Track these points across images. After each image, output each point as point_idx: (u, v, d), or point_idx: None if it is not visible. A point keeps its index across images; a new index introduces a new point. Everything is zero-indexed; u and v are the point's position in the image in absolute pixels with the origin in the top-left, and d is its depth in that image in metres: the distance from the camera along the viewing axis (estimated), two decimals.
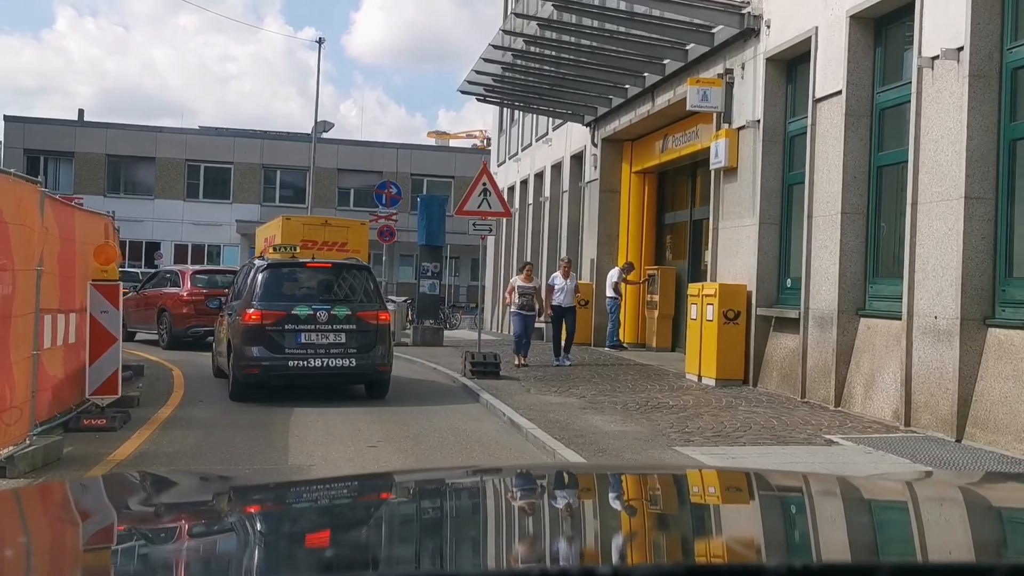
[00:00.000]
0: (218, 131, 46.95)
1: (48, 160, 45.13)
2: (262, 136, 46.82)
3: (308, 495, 2.07)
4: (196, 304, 17.63)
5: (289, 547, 1.54)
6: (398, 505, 1.94)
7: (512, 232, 26.76)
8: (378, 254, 36.83)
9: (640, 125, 17.40)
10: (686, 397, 11.57)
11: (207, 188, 45.98)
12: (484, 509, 1.91)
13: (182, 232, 45.19)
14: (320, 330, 10.61)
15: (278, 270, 11.30)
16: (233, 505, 1.89)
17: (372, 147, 48.17)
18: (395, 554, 1.53)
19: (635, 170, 18.89)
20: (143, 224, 44.85)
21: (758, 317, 12.35)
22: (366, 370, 11.02)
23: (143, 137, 44.83)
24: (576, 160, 21.27)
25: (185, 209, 45.37)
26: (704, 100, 13.22)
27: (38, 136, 44.27)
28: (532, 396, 11.66)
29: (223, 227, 44.89)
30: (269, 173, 46.20)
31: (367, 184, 45.89)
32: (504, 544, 1.59)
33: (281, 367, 10.59)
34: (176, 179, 45.30)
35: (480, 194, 13.50)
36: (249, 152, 45.85)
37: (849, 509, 1.84)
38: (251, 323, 10.61)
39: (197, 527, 1.74)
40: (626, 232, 19.05)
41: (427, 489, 2.10)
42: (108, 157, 44.82)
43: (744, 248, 12.79)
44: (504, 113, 28.88)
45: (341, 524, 1.72)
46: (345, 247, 23.54)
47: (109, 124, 46.20)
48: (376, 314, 11.10)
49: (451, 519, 1.78)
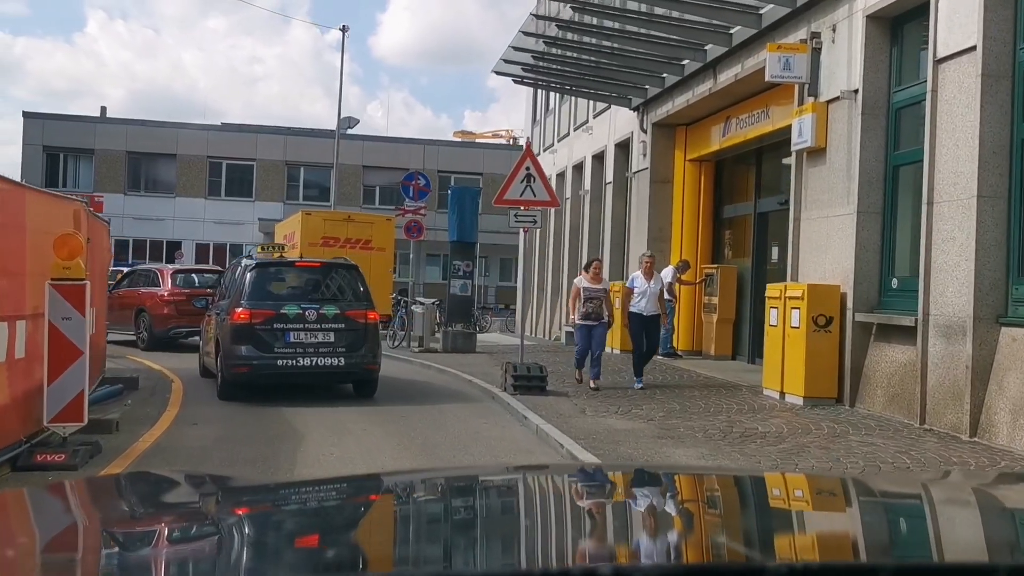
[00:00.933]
0: (240, 127, 45.24)
1: (68, 157, 43.70)
2: (285, 132, 45.08)
3: (307, 496, 2.03)
4: (178, 304, 17.18)
5: (288, 548, 1.52)
6: (398, 506, 1.91)
7: (547, 229, 24.74)
8: (404, 253, 35.06)
9: (698, 107, 15.35)
10: (775, 420, 9.52)
11: (229, 186, 44.34)
12: (484, 509, 1.87)
13: (203, 231, 43.57)
14: (309, 329, 10.50)
15: (266, 269, 11.16)
16: (233, 506, 1.87)
17: (398, 143, 46.35)
18: (395, 554, 1.51)
19: (690, 158, 16.83)
20: (164, 223, 43.34)
21: (856, 324, 10.27)
22: (354, 369, 10.90)
23: (164, 134, 43.22)
24: (621, 149, 19.23)
25: (207, 207, 43.77)
26: (786, 69, 11.15)
27: (58, 133, 42.81)
28: (590, 419, 9.66)
29: (245, 226, 43.21)
30: (292, 170, 44.48)
31: (393, 181, 44.01)
32: (504, 544, 1.56)
33: (270, 366, 10.45)
34: (198, 176, 43.69)
35: (523, 180, 11.54)
36: (272, 149, 44.14)
37: (850, 509, 1.82)
38: (240, 322, 10.44)
39: (198, 528, 1.70)
40: (680, 227, 16.99)
41: (426, 490, 2.07)
42: (128, 154, 43.29)
43: (835, 242, 10.72)
44: (538, 102, 26.88)
45: (341, 525, 1.71)
46: (369, 244, 21.67)
47: (129, 120, 44.66)
48: (364, 313, 11.02)
49: (451, 519, 1.77)
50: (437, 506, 1.91)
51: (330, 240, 21.25)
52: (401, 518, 1.82)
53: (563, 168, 23.61)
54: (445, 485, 2.12)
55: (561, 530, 1.63)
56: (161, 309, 17.36)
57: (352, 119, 42.91)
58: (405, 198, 18.38)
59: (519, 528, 1.66)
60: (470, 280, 17.91)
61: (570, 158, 23.00)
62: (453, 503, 1.93)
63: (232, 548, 1.53)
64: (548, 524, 1.69)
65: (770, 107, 13.52)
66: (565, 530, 1.63)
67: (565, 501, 1.95)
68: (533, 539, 1.57)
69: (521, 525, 1.69)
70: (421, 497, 2.00)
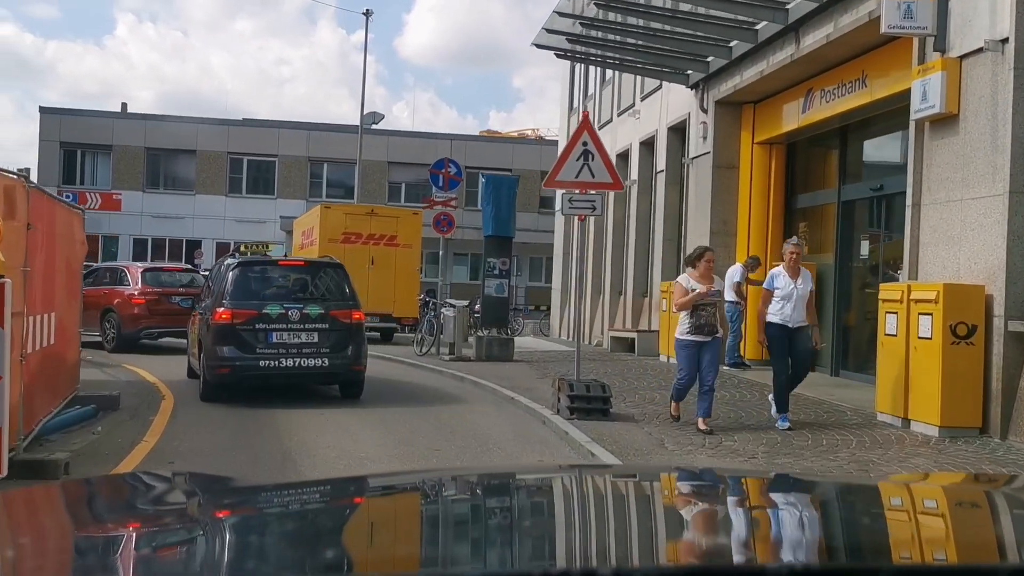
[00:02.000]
0: (262, 122, 43.34)
1: (86, 154, 42.01)
2: (308, 127, 43.14)
3: (309, 495, 2.02)
4: (150, 304, 16.19)
5: (289, 548, 1.50)
6: (398, 506, 1.89)
7: (587, 223, 22.53)
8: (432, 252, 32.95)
9: (772, 79, 13.11)
10: (916, 460, 7.28)
11: (250, 183, 42.49)
12: (484, 509, 1.86)
13: (224, 229, 41.71)
14: (292, 329, 10.25)
15: (249, 268, 10.92)
16: (235, 506, 1.85)
17: (424, 138, 44.28)
18: (395, 554, 1.48)
19: (759, 140, 14.58)
20: (183, 221, 41.55)
21: (1008, 335, 8.02)
22: (339, 369, 10.56)
23: (183, 129, 41.39)
24: (676, 133, 17.01)
25: (227, 205, 41.95)
26: (907, 19, 8.90)
27: (75, 128, 41.11)
28: (673, 455, 7.47)
29: (267, 224, 41.35)
30: (316, 167, 42.54)
31: (419, 178, 41.98)
32: (505, 544, 1.55)
33: (252, 367, 10.16)
34: (218, 173, 41.86)
35: (579, 157, 9.39)
36: (295, 144, 42.23)
37: (850, 510, 1.82)
38: (221, 322, 10.18)
39: (199, 528, 1.68)
40: (747, 218, 14.75)
41: (425, 490, 2.05)
42: (147, 150, 41.53)
43: (974, 232, 8.47)
44: (576, 85, 24.68)
45: (341, 525, 1.69)
46: (394, 240, 19.58)
47: (148, 116, 42.91)
48: (349, 313, 10.70)
49: (452, 519, 1.76)
50: (437, 507, 1.88)
51: (352, 236, 19.21)
52: (401, 518, 1.78)
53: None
54: (445, 485, 2.09)
55: (561, 530, 1.61)
56: (131, 309, 16.16)
57: (377, 114, 40.88)
58: (434, 188, 16.27)
59: (519, 528, 1.64)
60: (507, 279, 15.77)
61: (613, 146, 20.76)
62: (453, 503, 1.90)
63: (234, 548, 1.50)
64: (548, 524, 1.68)
65: (868, 73, 11.27)
66: (565, 530, 1.61)
67: (566, 501, 1.92)
68: (533, 539, 1.56)
69: (521, 525, 1.67)
70: (421, 497, 1.96)
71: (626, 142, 19.84)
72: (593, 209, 9.76)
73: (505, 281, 15.72)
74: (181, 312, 14.87)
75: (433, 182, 16.35)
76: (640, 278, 18.78)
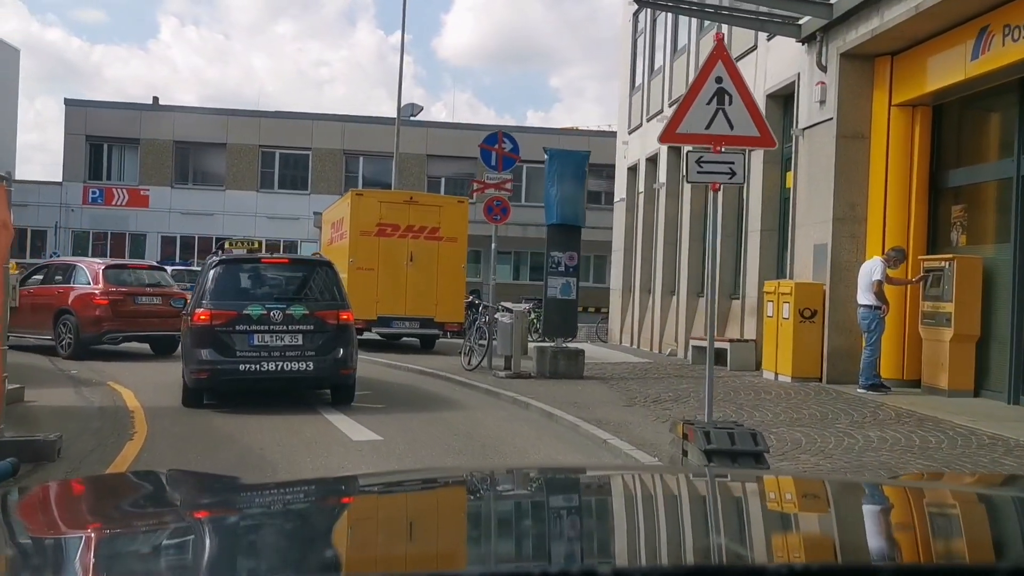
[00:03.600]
0: (295, 114, 40.64)
1: (112, 148, 39.63)
2: (343, 119, 40.37)
3: (312, 494, 1.98)
4: (114, 304, 14.18)
5: (291, 546, 1.48)
6: (398, 505, 1.86)
7: (655, 212, 19.44)
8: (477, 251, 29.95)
9: (931, 16, 9.93)
10: None
11: (283, 177, 39.86)
12: (486, 508, 1.85)
13: (255, 226, 39.01)
14: (275, 331, 9.58)
15: (230, 267, 10.33)
16: (238, 504, 1.84)
17: (465, 129, 41.29)
18: (395, 554, 1.46)
19: (898, 102, 11.37)
20: (213, 218, 38.99)
21: None
22: (326, 373, 9.85)
23: (213, 121, 38.86)
24: (777, 101, 13.85)
25: (259, 201, 39.35)
26: None
27: (101, 121, 38.76)
28: None
29: (300, 221, 38.62)
30: (351, 160, 39.78)
31: (459, 172, 39.16)
32: (505, 544, 1.53)
33: (232, 371, 9.49)
34: (249, 167, 39.28)
35: (710, 99, 6.33)
36: (329, 137, 39.51)
37: (851, 511, 1.81)
38: (200, 324, 9.57)
39: (204, 526, 1.66)
40: (882, 200, 11.55)
41: (425, 489, 2.03)
42: (176, 144, 39.05)
43: None
44: (637, 60, 21.54)
45: (343, 524, 1.68)
46: (436, 233, 16.57)
47: (176, 107, 40.42)
48: (336, 313, 10.00)
49: (450, 519, 1.75)
50: (437, 506, 1.86)
51: (387, 228, 16.26)
52: (402, 518, 1.77)
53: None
54: (445, 485, 2.08)
55: (561, 530, 1.60)
56: (92, 311, 14.14)
57: (415, 105, 38.09)
58: (485, 169, 13.26)
59: (520, 528, 1.62)
60: (575, 278, 12.71)
61: None
62: (452, 503, 1.89)
63: (232, 547, 1.48)
64: (548, 524, 1.66)
65: None
66: (565, 530, 1.59)
67: (566, 501, 1.89)
68: (533, 539, 1.54)
69: (522, 525, 1.65)
70: (420, 497, 1.94)
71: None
72: (731, 174, 6.64)
73: (572, 280, 12.66)
74: (148, 314, 12.60)
75: (484, 160, 13.35)
76: (728, 277, 15.62)
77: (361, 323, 16.21)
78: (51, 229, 38.82)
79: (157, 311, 14.19)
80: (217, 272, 10.01)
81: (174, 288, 15.11)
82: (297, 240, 38.62)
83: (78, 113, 39.01)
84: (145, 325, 14.19)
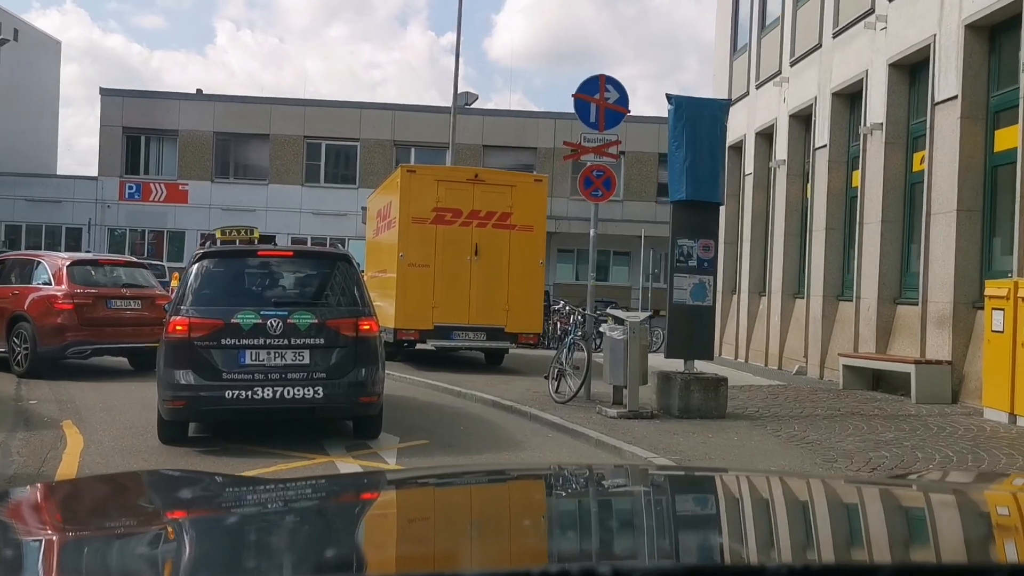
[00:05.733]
0: (342, 103, 37.38)
1: (150, 140, 36.75)
2: (393, 108, 37.01)
3: (315, 492, 1.90)
4: (81, 310, 11.07)
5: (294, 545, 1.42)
6: (398, 505, 1.82)
7: (769, 200, 15.58)
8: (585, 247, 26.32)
9: None
10: None
11: (329, 170, 36.66)
12: (485, 509, 1.81)
13: (300, 223, 35.97)
14: (273, 346, 7.11)
15: (217, 262, 7.67)
16: (242, 502, 1.79)
17: (523, 117, 37.81)
18: (395, 554, 1.43)
19: None
20: (255, 214, 35.77)
21: None
22: (340, 401, 7.26)
23: (255, 111, 35.83)
24: (980, 34, 9.95)
25: (304, 195, 36.20)
26: None
27: (138, 112, 35.91)
28: None
29: (348, 217, 35.36)
30: (402, 152, 36.35)
31: (517, 163, 35.53)
32: (504, 543, 1.48)
33: (215, 398, 7.00)
34: (293, 160, 36.14)
35: None
36: (378, 126, 36.20)
37: (851, 511, 1.77)
38: (176, 337, 7.12)
39: (213, 523, 1.63)
40: None
41: (426, 488, 1.97)
42: (216, 135, 36.05)
43: None
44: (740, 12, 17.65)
45: (343, 522, 1.63)
46: (507, 220, 12.85)
47: (216, 96, 37.42)
48: (355, 322, 7.39)
49: (449, 519, 1.71)
50: (438, 505, 1.82)
51: (447, 213, 12.65)
52: (402, 517, 1.72)
53: (804, 103, 14.36)
54: (445, 484, 2.03)
55: (561, 529, 1.58)
56: (52, 317, 11.05)
57: (470, 94, 34.52)
58: (584, 126, 9.56)
59: (520, 528, 1.59)
60: (711, 276, 8.94)
61: (824, 85, 13.71)
62: (452, 503, 1.84)
63: (229, 545, 1.45)
64: (548, 523, 1.63)
65: None
66: (565, 529, 1.58)
67: (566, 501, 1.85)
68: (533, 538, 1.52)
69: (522, 525, 1.62)
70: (421, 495, 1.89)
71: (849, 75, 12.77)
72: None
73: (708, 279, 8.90)
74: (124, 321, 10.52)
75: (581, 116, 9.62)
76: (891, 275, 11.71)
77: (412, 334, 12.61)
78: (85, 227, 36.06)
79: (135, 318, 10.88)
80: (200, 270, 7.52)
81: (157, 290, 11.70)
82: (345, 238, 35.33)
83: (114, 103, 36.21)
84: (119, 335, 10.96)
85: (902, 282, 11.69)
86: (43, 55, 44.87)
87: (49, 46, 46.36)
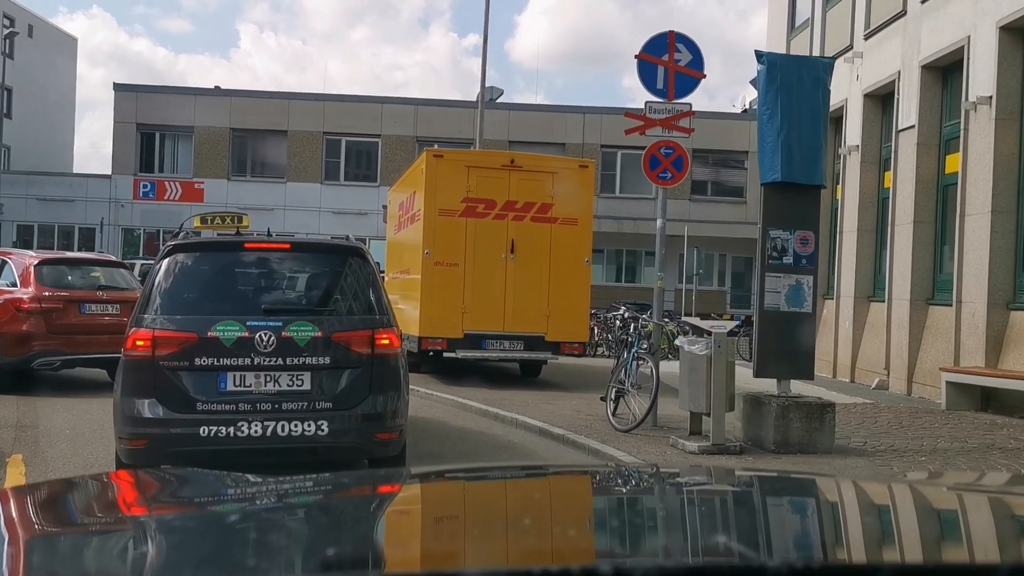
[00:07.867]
0: (362, 98, 35.83)
1: (165, 137, 35.34)
2: (416, 103, 35.42)
3: (318, 491, 1.85)
4: (49, 315, 9.49)
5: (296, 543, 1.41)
6: (399, 504, 1.78)
7: (840, 191, 13.76)
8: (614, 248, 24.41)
9: None
10: None
11: (349, 168, 35.09)
12: (485, 508, 1.76)
13: (320, 222, 34.37)
14: (263, 367, 5.41)
15: (191, 256, 5.88)
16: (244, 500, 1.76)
17: (551, 112, 36.10)
18: (395, 553, 1.40)
19: None
20: (273, 213, 34.18)
21: None
22: (350, 439, 5.60)
23: (272, 107, 34.34)
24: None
25: (323, 193, 34.65)
26: None
27: (152, 108, 34.51)
28: None
29: (369, 216, 33.78)
30: (425, 148, 34.69)
31: None
32: (505, 543, 1.45)
33: (187, 437, 5.33)
34: (312, 157, 34.61)
35: None
36: (400, 122, 34.58)
37: (851, 510, 1.74)
38: (137, 355, 5.44)
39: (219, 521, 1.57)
40: None
41: (426, 488, 1.95)
42: (232, 132, 34.59)
43: None
44: None
45: (345, 521, 1.57)
46: (548, 212, 11.09)
47: (233, 91, 35.94)
48: (369, 335, 5.64)
49: (453, 518, 1.68)
50: (437, 505, 1.80)
51: (478, 204, 10.96)
52: (403, 516, 1.69)
53: (885, 79, 12.53)
54: (446, 484, 2.01)
55: (561, 529, 1.56)
56: (15, 324, 9.51)
57: (496, 89, 32.97)
58: (649, 93, 7.83)
59: (520, 527, 1.55)
60: (812, 275, 7.19)
61: (910, 58, 11.89)
62: (451, 502, 1.83)
63: (228, 544, 1.40)
64: (548, 523, 1.62)
65: None
66: (565, 529, 1.56)
67: (566, 500, 1.84)
68: (533, 538, 1.48)
69: (522, 524, 1.59)
70: (420, 495, 1.86)
71: (945, 43, 10.96)
72: None
73: (807, 280, 7.16)
74: (99, 328, 9.17)
75: (646, 83, 7.88)
76: (1001, 276, 9.90)
77: (439, 343, 10.90)
78: (98, 227, 34.71)
79: (112, 324, 9.33)
80: (171, 267, 5.73)
81: (138, 292, 10.13)
82: (366, 238, 33.69)
83: (128, 99, 34.82)
84: (94, 344, 9.43)
85: (1013, 284, 9.88)
86: (59, 52, 43.68)
87: (64, 43, 45.19)
